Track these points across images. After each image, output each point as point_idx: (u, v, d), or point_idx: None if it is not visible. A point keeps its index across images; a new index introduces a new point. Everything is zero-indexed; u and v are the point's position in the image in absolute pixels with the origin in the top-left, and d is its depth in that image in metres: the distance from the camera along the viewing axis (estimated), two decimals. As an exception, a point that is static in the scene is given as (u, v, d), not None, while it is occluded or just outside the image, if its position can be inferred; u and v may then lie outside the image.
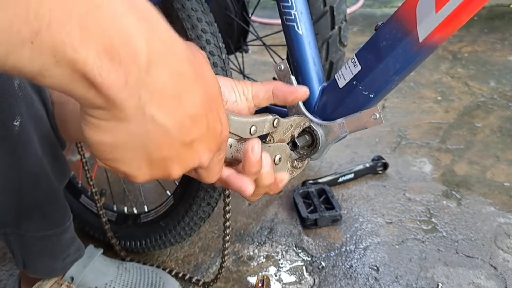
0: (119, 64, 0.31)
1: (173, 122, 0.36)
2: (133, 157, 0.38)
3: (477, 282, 1.13)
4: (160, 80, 0.34)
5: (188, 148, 0.40)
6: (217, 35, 0.93)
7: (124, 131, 0.35)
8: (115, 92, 0.32)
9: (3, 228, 0.91)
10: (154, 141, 0.37)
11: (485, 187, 1.49)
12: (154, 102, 0.34)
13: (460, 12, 0.53)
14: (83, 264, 1.01)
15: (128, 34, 0.32)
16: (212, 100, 0.41)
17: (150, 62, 0.33)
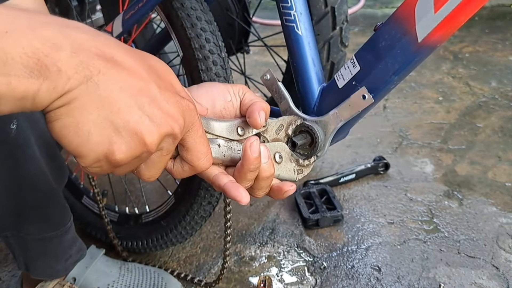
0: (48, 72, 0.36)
1: (118, 84, 0.39)
2: (100, 131, 0.39)
3: (479, 282, 1.13)
4: (88, 59, 0.38)
5: (148, 109, 0.41)
6: (216, 34, 0.93)
7: (79, 107, 0.38)
8: (56, 86, 0.36)
9: (4, 231, 0.91)
10: (109, 104, 0.39)
11: (486, 187, 1.48)
12: (94, 72, 0.38)
13: (459, 12, 0.53)
14: (85, 264, 1.02)
15: (47, 43, 0.36)
16: (154, 70, 0.43)
17: (76, 51, 0.37)
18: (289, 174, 0.63)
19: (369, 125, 1.86)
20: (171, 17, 0.94)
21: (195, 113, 0.46)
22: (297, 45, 0.72)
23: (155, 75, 0.43)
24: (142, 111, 0.40)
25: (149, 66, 0.43)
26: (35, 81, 0.35)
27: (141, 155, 0.42)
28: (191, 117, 0.45)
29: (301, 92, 0.73)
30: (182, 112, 0.44)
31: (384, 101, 2.07)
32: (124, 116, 0.39)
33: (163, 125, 0.42)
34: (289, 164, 0.64)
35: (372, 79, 0.62)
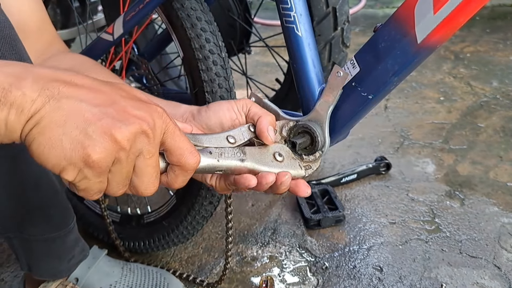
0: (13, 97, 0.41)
1: (80, 98, 0.43)
2: (71, 139, 0.42)
3: (481, 282, 1.13)
4: (52, 84, 0.42)
5: (113, 111, 0.44)
6: (216, 34, 0.94)
7: (48, 124, 0.42)
8: (23, 108, 0.41)
9: (7, 232, 0.91)
10: (76, 114, 0.42)
11: (488, 187, 1.48)
12: (55, 92, 0.42)
13: (458, 13, 0.53)
14: (88, 265, 1.02)
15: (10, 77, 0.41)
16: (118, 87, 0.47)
17: (37, 79, 0.42)
18: (295, 170, 0.64)
19: (370, 125, 1.86)
20: (172, 18, 0.94)
21: (165, 115, 0.48)
22: (297, 46, 0.72)
23: (119, 90, 0.46)
24: (108, 115, 0.43)
25: (112, 85, 0.47)
26: (3, 107, 0.40)
27: (118, 155, 0.44)
28: (162, 119, 0.47)
29: (302, 93, 0.74)
30: (150, 114, 0.46)
31: (385, 101, 2.07)
32: (91, 122, 0.43)
33: (131, 124, 0.44)
34: (293, 161, 0.64)
35: (372, 80, 0.62)
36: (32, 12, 0.80)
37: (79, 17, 1.67)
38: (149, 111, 0.46)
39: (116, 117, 0.44)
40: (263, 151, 0.62)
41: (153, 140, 0.46)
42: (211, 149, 0.58)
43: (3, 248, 1.27)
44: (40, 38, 0.82)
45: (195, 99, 0.97)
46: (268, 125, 0.62)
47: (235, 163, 0.58)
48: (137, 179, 0.48)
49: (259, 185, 0.59)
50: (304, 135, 0.68)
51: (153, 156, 0.47)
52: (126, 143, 0.44)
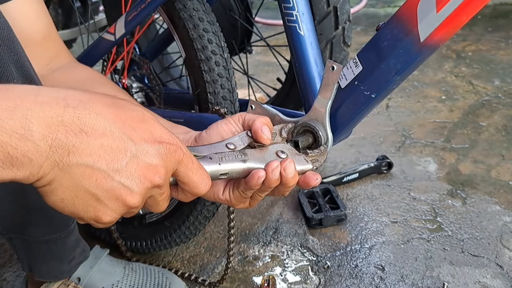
0: (19, 163, 0.39)
1: (91, 158, 0.42)
2: (82, 203, 0.43)
3: (483, 281, 1.13)
4: (57, 139, 0.40)
5: (125, 173, 0.44)
6: (219, 34, 0.93)
7: (58, 186, 0.42)
8: (32, 174, 0.40)
9: (8, 233, 0.92)
10: (86, 178, 0.42)
11: (490, 186, 1.48)
12: (63, 155, 0.41)
13: (461, 11, 0.53)
14: (90, 264, 1.02)
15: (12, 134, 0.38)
16: (130, 124, 0.45)
17: (45, 134, 0.39)
18: (301, 165, 0.64)
19: (372, 125, 1.86)
20: (174, 18, 0.94)
21: (179, 151, 0.48)
22: (299, 45, 0.72)
23: (130, 128, 0.45)
24: (119, 176, 0.43)
25: (124, 117, 0.45)
26: (9, 171, 0.39)
27: (129, 211, 0.47)
28: (175, 157, 0.48)
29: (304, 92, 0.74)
30: (163, 159, 0.46)
31: (387, 100, 2.07)
32: (102, 186, 0.43)
33: (143, 183, 0.45)
34: (297, 156, 0.65)
35: (375, 78, 0.62)
36: (37, 20, 0.80)
37: (80, 17, 1.66)
38: (161, 156, 0.46)
39: (128, 176, 0.44)
40: (264, 151, 0.62)
41: (164, 186, 0.48)
42: (211, 155, 0.58)
43: (5, 248, 1.28)
44: (47, 47, 0.82)
45: (197, 100, 0.97)
46: (262, 125, 0.63)
47: (237, 165, 0.59)
48: (152, 207, 0.51)
49: (267, 177, 0.59)
50: (306, 134, 0.69)
51: (164, 194, 0.49)
52: (137, 204, 0.46)
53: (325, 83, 0.65)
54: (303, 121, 0.69)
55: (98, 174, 0.42)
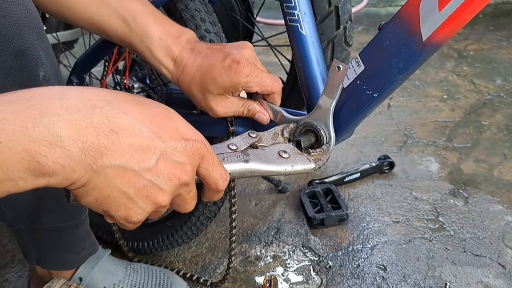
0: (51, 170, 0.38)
1: (123, 158, 0.42)
2: (115, 202, 0.45)
3: (485, 281, 1.13)
4: (88, 142, 0.40)
5: (155, 172, 0.45)
6: (220, 35, 0.93)
7: (93, 188, 0.42)
8: (65, 178, 0.40)
9: (18, 224, 0.92)
10: (119, 180, 0.43)
11: (492, 185, 1.48)
12: (95, 158, 0.41)
13: (463, 10, 0.53)
14: (92, 264, 1.02)
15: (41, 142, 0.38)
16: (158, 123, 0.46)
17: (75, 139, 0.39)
18: (304, 164, 0.64)
19: (373, 124, 1.86)
20: (175, 19, 0.94)
21: (203, 148, 0.50)
22: (301, 45, 0.72)
23: (157, 127, 0.45)
24: (150, 174, 0.45)
25: (151, 116, 0.46)
26: (41, 180, 0.39)
27: (157, 209, 0.48)
28: (199, 154, 0.49)
29: (306, 92, 0.73)
30: (189, 156, 0.48)
31: (388, 100, 2.07)
32: (134, 185, 0.44)
33: (171, 181, 0.46)
34: (300, 156, 0.65)
35: (377, 78, 0.62)
36: None
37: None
38: (187, 153, 0.47)
39: (158, 174, 0.45)
40: (266, 151, 0.63)
41: (191, 183, 0.50)
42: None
43: (7, 249, 1.28)
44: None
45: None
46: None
47: (239, 165, 0.59)
48: (178, 208, 0.53)
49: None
50: (308, 133, 0.68)
51: (191, 191, 0.51)
52: (166, 202, 0.47)
53: (330, 83, 0.65)
54: (305, 121, 0.68)
55: (130, 173, 0.43)
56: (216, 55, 0.72)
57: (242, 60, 0.69)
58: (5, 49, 0.64)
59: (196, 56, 0.73)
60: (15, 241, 1.27)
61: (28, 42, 0.66)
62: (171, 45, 0.74)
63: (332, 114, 0.67)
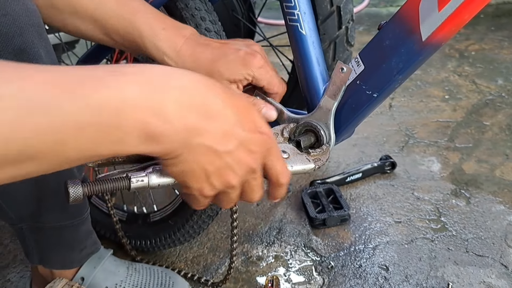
0: (157, 141, 0.45)
1: (211, 140, 0.48)
2: (197, 175, 0.51)
3: (488, 281, 1.13)
4: (188, 122, 0.46)
5: (232, 155, 0.51)
6: (221, 34, 0.94)
7: (182, 161, 0.49)
8: (165, 150, 0.46)
9: (20, 223, 0.93)
10: (204, 158, 0.49)
11: (494, 185, 1.48)
12: (192, 136, 0.47)
13: (463, 10, 0.53)
14: (94, 264, 1.02)
15: (154, 115, 0.44)
16: (241, 113, 0.52)
17: (180, 116, 0.45)
18: (304, 164, 0.64)
19: (375, 124, 1.86)
20: (176, 18, 0.94)
21: (272, 142, 0.56)
22: (301, 44, 0.72)
23: (241, 116, 0.52)
24: (228, 157, 0.51)
25: (237, 105, 0.52)
26: (148, 146, 0.45)
27: (226, 190, 0.54)
28: (267, 146, 0.55)
29: (306, 92, 0.74)
30: (260, 146, 0.54)
31: (390, 100, 2.07)
32: (214, 164, 0.50)
33: (243, 166, 0.52)
34: (299, 156, 0.65)
35: (377, 78, 0.62)
36: None
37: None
38: (260, 144, 0.53)
39: (234, 158, 0.51)
40: None
41: (258, 171, 0.55)
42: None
43: (9, 250, 1.28)
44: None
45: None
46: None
47: None
48: (246, 196, 0.58)
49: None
50: (308, 133, 0.69)
51: (258, 179, 0.56)
52: (236, 184, 0.53)
53: (332, 84, 0.65)
54: (305, 121, 0.69)
55: (214, 154, 0.49)
56: (228, 47, 0.74)
57: (255, 53, 0.72)
58: (6, 48, 0.64)
59: (204, 47, 0.75)
60: (16, 241, 1.27)
61: (28, 41, 0.67)
62: (174, 36, 0.75)
63: (333, 115, 0.67)
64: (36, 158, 0.40)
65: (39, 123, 0.38)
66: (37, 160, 0.40)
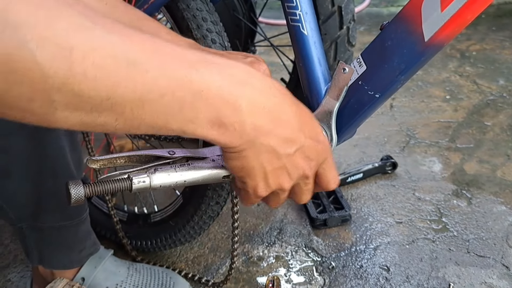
0: (226, 129, 0.47)
1: (275, 142, 0.51)
2: (255, 172, 0.53)
3: (489, 281, 1.13)
4: (258, 121, 0.48)
5: (291, 159, 0.53)
6: (222, 34, 0.93)
7: (244, 157, 0.51)
8: (231, 141, 0.48)
9: (20, 223, 0.93)
10: (264, 157, 0.51)
11: (495, 186, 1.48)
12: (258, 135, 0.49)
13: (466, 10, 0.52)
14: (94, 264, 1.02)
15: (229, 105, 0.46)
16: (304, 121, 0.55)
17: (251, 114, 0.48)
18: None
19: (376, 124, 1.86)
20: (177, 19, 0.94)
21: (327, 151, 0.58)
22: (302, 45, 0.72)
23: (303, 124, 0.54)
24: (287, 160, 0.53)
25: (300, 113, 0.54)
26: (214, 132, 0.46)
27: (278, 191, 0.57)
28: (323, 156, 0.58)
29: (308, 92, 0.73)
30: (317, 155, 0.56)
31: (391, 100, 2.06)
32: (273, 164, 0.53)
33: (298, 171, 0.55)
34: None
35: (379, 78, 0.62)
36: None
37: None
38: (317, 153, 0.56)
39: (290, 164, 0.54)
40: None
41: (311, 178, 0.58)
42: (214, 157, 0.60)
43: (9, 250, 1.28)
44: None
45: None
46: None
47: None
48: (295, 197, 0.61)
49: None
50: None
51: (309, 184, 0.59)
52: (288, 187, 0.56)
53: (334, 84, 0.65)
54: None
55: (274, 155, 0.52)
56: (236, 55, 0.75)
57: (262, 61, 0.73)
58: None
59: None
60: (17, 241, 1.27)
61: None
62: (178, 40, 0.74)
63: (335, 115, 0.67)
64: (115, 111, 0.41)
65: (129, 78, 0.40)
66: (114, 114, 0.41)
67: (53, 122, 0.40)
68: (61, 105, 0.38)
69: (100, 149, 1.67)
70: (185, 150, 0.60)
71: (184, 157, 0.59)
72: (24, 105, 0.37)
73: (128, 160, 0.59)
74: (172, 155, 0.58)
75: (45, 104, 0.38)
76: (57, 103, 0.38)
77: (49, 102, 0.38)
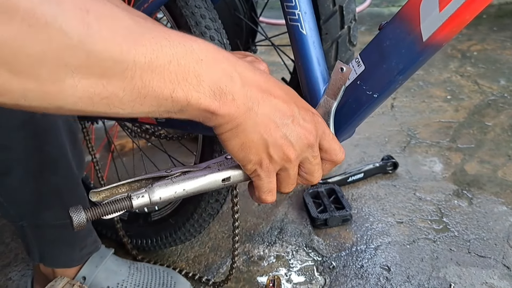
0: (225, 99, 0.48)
1: (269, 110, 0.53)
2: (256, 146, 0.53)
3: (490, 282, 1.13)
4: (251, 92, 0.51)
5: (289, 127, 0.54)
6: (221, 31, 0.94)
7: (243, 130, 0.52)
8: (229, 113, 0.49)
9: (20, 220, 0.93)
10: (263, 126, 0.52)
11: (496, 186, 1.47)
12: (252, 105, 0.51)
13: (464, 10, 0.52)
14: (95, 264, 1.03)
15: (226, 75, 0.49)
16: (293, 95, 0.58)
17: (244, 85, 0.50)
18: None
19: (377, 124, 1.86)
20: (176, 16, 0.95)
21: (324, 124, 0.60)
22: (301, 44, 0.72)
23: (293, 96, 0.57)
24: (286, 129, 0.54)
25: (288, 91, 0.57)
26: (216, 102, 0.48)
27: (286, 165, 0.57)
28: (321, 127, 0.59)
29: (307, 92, 0.73)
30: (315, 125, 0.57)
31: (391, 100, 2.06)
32: (273, 134, 0.53)
33: (300, 139, 0.56)
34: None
35: (377, 78, 0.62)
36: None
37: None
38: (314, 122, 0.57)
39: (292, 130, 0.55)
40: None
41: (316, 147, 0.58)
42: (210, 164, 0.61)
43: (10, 248, 1.29)
44: None
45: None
46: None
47: (236, 170, 0.60)
48: (308, 176, 0.60)
49: None
50: None
51: (317, 158, 0.59)
52: (294, 158, 0.56)
53: (332, 84, 0.65)
54: None
55: (272, 124, 0.53)
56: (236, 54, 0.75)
57: (260, 60, 0.75)
58: None
59: None
60: (18, 240, 1.28)
61: None
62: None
63: (333, 115, 0.67)
64: (125, 77, 0.42)
65: (138, 42, 0.42)
66: (123, 82, 0.42)
67: (58, 93, 0.40)
68: (72, 69, 0.38)
69: (101, 148, 1.68)
70: (181, 167, 0.61)
71: (181, 172, 0.60)
72: (32, 69, 0.37)
73: (129, 188, 0.60)
74: (170, 173, 0.59)
75: (55, 68, 0.38)
76: (68, 67, 0.38)
77: (60, 66, 0.38)
